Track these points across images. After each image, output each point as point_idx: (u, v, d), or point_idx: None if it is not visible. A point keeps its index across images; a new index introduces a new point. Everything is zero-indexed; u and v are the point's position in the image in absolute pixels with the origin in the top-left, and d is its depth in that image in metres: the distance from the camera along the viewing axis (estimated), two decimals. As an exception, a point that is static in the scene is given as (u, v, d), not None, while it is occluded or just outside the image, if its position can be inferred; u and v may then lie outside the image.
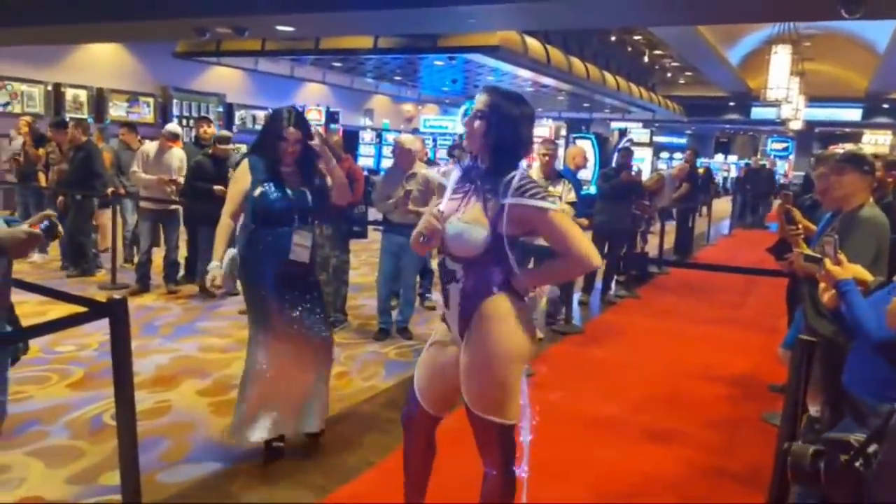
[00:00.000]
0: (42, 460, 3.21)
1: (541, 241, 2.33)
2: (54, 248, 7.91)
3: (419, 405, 2.38)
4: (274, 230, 3.14)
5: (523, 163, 2.28)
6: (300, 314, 3.21)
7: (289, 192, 3.17)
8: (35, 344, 2.86)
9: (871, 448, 1.28)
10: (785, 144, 28.65)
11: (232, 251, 3.15)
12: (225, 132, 6.86)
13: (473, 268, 2.18)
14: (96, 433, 3.52)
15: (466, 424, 2.25)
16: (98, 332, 4.81)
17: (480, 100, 2.20)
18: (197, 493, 3.00)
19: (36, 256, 7.89)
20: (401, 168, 5.40)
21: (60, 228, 2.23)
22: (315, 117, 15.53)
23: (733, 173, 26.22)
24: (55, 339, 4.86)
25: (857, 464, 1.28)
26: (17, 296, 2.35)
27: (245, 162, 3.24)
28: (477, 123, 2.17)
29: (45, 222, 2.19)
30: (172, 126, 7.14)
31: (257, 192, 3.11)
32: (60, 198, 7.35)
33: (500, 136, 2.16)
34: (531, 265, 2.89)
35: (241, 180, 3.18)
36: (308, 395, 3.26)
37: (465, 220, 2.16)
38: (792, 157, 27.48)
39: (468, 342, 2.20)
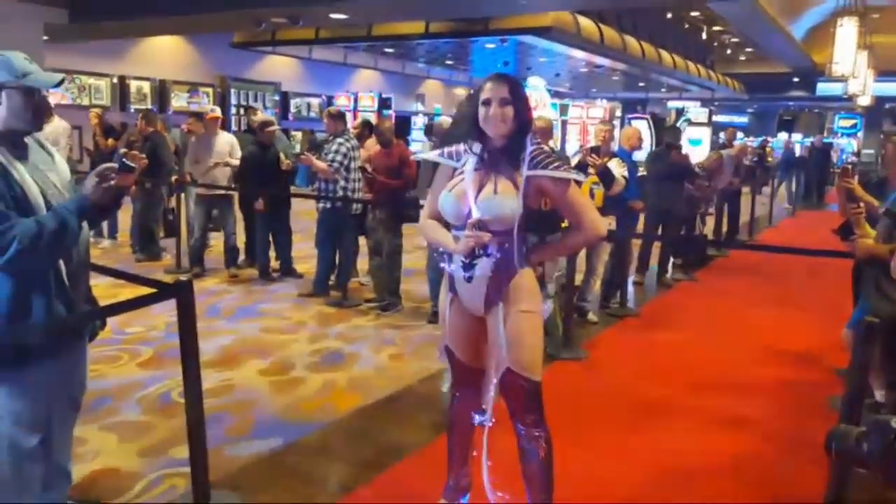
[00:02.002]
0: (116, 434, 3.40)
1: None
2: (124, 233, 8.25)
3: (459, 360, 2.54)
4: None
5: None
6: None
7: None
8: (107, 325, 3.02)
9: None
10: (853, 121, 27.49)
11: None
12: (268, 116, 7.05)
13: (506, 242, 2.30)
14: (165, 409, 3.70)
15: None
16: (164, 314, 5.03)
17: (502, 89, 2.31)
18: (260, 466, 3.13)
19: (106, 242, 8.26)
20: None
21: (134, 163, 2.15)
22: (368, 104, 15.70)
23: (798, 152, 25.32)
24: (125, 320, 5.08)
25: None
26: (91, 278, 2.48)
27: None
28: (507, 109, 2.30)
29: (117, 161, 2.16)
30: (210, 109, 7.41)
31: None
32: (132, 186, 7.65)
33: (523, 118, 2.34)
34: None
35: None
36: None
37: (498, 193, 2.28)
38: (860, 133, 26.38)
39: (508, 313, 2.32)
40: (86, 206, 2.08)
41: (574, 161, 5.75)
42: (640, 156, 8.05)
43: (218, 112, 7.28)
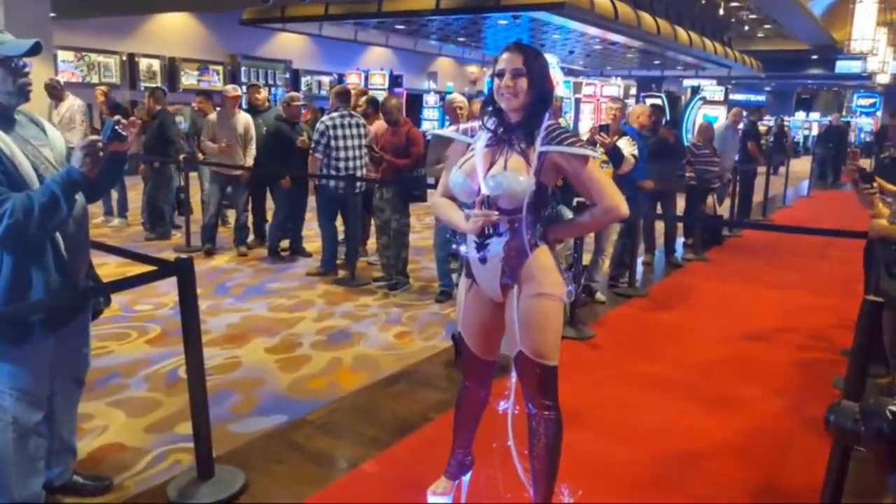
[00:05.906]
0: (123, 410, 3.43)
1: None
2: (135, 213, 8.30)
3: (470, 351, 2.47)
4: None
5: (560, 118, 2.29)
6: None
7: None
8: (115, 303, 3.05)
9: None
10: (872, 100, 27.08)
11: None
12: (293, 93, 6.99)
13: (518, 220, 2.20)
14: (172, 386, 3.73)
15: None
16: (173, 293, 5.00)
17: (514, 59, 2.19)
18: (264, 442, 3.16)
19: (117, 221, 8.29)
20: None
21: (126, 131, 2.15)
22: (379, 81, 15.60)
23: (815, 131, 24.98)
24: (134, 298, 5.13)
25: None
26: (98, 258, 2.50)
27: None
28: (521, 81, 2.19)
29: (108, 129, 2.12)
30: (231, 87, 7.34)
31: None
32: (142, 165, 7.67)
33: (540, 90, 2.21)
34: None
35: None
36: None
37: (508, 169, 2.19)
38: (879, 113, 25.97)
39: (522, 295, 2.24)
40: (75, 178, 2.05)
41: (583, 139, 5.69)
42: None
43: (239, 91, 7.21)
